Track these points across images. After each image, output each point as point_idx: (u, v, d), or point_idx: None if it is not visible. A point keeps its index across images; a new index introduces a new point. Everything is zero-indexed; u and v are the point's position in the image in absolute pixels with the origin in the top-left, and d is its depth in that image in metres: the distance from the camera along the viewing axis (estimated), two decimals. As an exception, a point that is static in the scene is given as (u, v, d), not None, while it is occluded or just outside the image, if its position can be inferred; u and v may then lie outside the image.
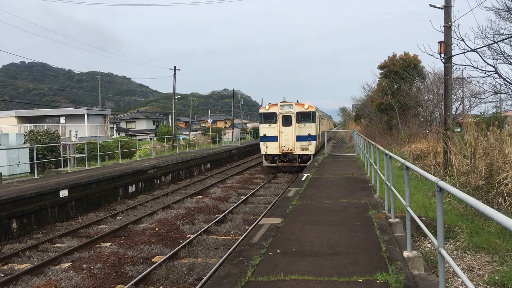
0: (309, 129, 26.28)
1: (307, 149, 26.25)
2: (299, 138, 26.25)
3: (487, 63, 15.91)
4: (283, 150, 26.44)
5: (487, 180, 10.83)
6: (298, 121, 26.36)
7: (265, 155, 27.07)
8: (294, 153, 26.38)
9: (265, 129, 26.67)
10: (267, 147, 26.61)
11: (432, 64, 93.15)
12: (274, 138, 26.45)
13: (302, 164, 25.91)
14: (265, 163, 27.52)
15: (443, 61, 15.96)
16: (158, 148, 40.20)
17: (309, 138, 26.17)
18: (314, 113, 26.71)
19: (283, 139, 26.38)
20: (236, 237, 12.49)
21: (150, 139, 62.80)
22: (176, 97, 53.47)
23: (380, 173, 11.33)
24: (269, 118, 26.69)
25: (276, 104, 26.89)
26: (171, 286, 9.03)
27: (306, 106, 26.58)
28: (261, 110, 27.52)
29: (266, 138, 26.53)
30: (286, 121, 26.48)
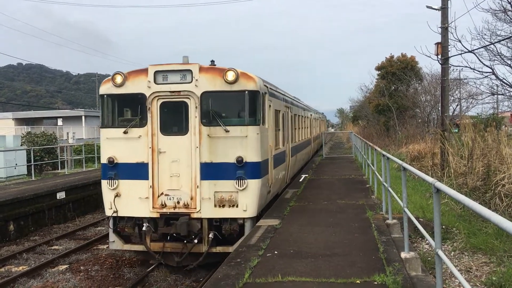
0: (241, 141, 9.43)
1: (233, 204, 9.38)
2: (209, 171, 9.44)
3: (484, 64, 16.00)
4: (162, 205, 9.55)
5: (484, 181, 10.85)
6: (207, 119, 9.59)
7: (113, 217, 9.83)
8: (195, 215, 9.42)
9: (113, 143, 9.89)
10: (118, 195, 9.73)
11: (429, 66, 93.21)
12: (138, 170, 9.66)
13: (218, 250, 9.39)
14: (115, 244, 10.05)
15: (440, 62, 15.99)
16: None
17: (239, 168, 9.33)
18: (255, 95, 9.62)
19: (165, 172, 9.62)
20: (234, 239, 12.45)
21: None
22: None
23: (377, 174, 11.33)
24: (126, 109, 10.41)
25: (145, 71, 9.75)
26: (169, 288, 8.99)
27: (231, 76, 9.33)
28: (103, 88, 10.07)
29: (117, 168, 9.76)
30: (173, 119, 10.02)
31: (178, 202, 9.44)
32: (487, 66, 15.96)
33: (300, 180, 15.74)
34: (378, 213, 9.60)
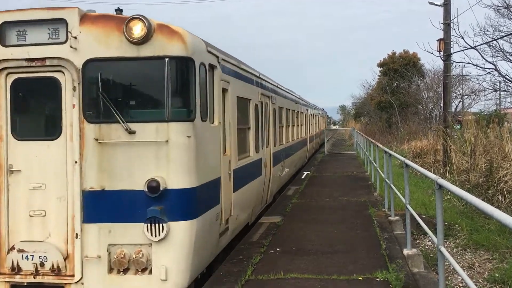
0: (157, 151, 5.10)
1: (144, 267, 5.05)
2: (100, 206, 5.20)
3: (487, 61, 15.99)
4: (14, 268, 5.24)
5: (487, 178, 10.82)
6: (95, 110, 5.27)
7: None
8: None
9: None
10: None
11: (431, 62, 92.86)
12: None
13: None
14: None
15: (442, 58, 15.97)
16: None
17: (154, 201, 5.03)
18: (185, 64, 5.23)
19: (20, 209, 5.32)
20: (236, 236, 12.46)
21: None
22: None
23: (379, 171, 11.33)
24: None
25: None
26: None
27: (138, 30, 4.95)
28: None
29: None
30: (34, 110, 5.76)
31: (42, 264, 5.24)
32: (489, 62, 15.95)
33: (302, 177, 15.75)
34: (380, 210, 9.60)
